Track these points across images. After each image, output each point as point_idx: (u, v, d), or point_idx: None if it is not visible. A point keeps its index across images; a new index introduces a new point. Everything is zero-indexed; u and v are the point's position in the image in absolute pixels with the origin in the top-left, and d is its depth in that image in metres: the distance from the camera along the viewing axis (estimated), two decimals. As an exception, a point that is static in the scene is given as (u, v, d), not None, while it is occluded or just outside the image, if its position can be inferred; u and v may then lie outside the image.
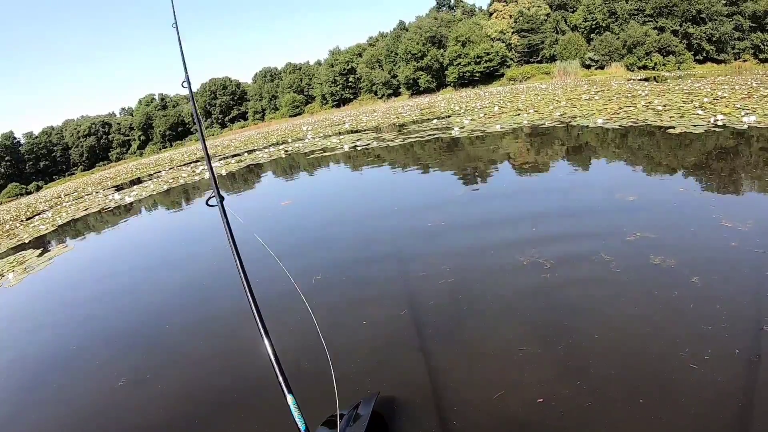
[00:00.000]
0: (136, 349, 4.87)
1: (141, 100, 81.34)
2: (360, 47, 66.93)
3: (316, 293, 5.08)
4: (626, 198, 6.38)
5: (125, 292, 6.77)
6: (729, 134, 9.49)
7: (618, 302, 3.88)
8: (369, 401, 2.92)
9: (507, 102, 25.49)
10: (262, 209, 10.40)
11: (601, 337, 3.44)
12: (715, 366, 2.90)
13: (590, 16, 49.56)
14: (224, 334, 4.75)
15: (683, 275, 4.08)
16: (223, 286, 6.04)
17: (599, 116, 13.95)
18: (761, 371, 2.83)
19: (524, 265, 4.82)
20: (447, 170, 10.47)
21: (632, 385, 2.89)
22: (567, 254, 4.91)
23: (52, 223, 15.56)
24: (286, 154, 21.00)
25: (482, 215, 6.85)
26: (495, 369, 3.29)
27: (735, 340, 3.14)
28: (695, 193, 6.37)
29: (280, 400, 2.09)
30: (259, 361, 3.80)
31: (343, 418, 2.74)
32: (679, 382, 2.83)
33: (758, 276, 3.95)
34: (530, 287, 4.37)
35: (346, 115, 45.83)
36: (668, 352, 3.13)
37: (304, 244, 7.14)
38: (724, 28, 41.60)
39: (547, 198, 7.20)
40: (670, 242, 4.81)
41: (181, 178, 20.15)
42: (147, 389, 3.97)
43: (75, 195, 27.43)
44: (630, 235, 5.09)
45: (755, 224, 4.92)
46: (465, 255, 5.41)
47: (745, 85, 19.41)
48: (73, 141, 75.88)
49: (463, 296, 4.44)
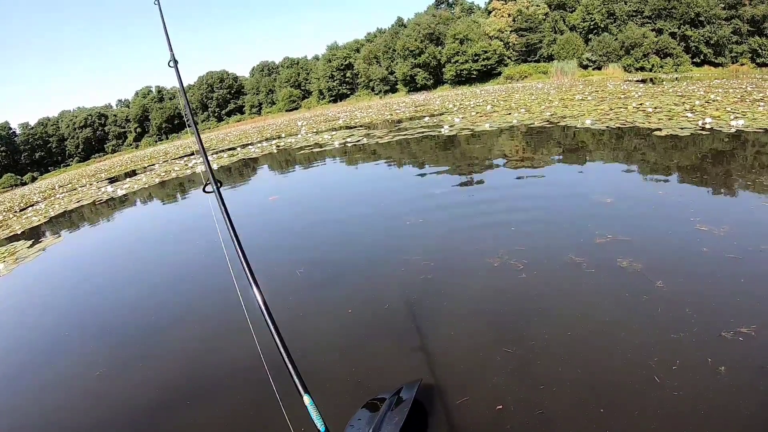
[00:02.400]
0: (118, 339, 4.90)
1: (138, 92, 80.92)
2: (358, 43, 66.65)
3: (295, 286, 5.19)
4: (603, 200, 6.33)
5: (113, 283, 6.84)
6: (715, 138, 9.42)
7: (584, 306, 3.84)
8: (411, 387, 2.90)
9: (500, 101, 25.41)
10: (249, 204, 10.56)
11: (564, 342, 3.40)
12: (678, 375, 2.86)
13: (589, 16, 49.39)
14: (211, 325, 4.76)
15: (648, 280, 4.05)
16: (209, 278, 6.09)
17: (588, 117, 13.88)
18: (722, 381, 2.78)
19: (495, 267, 4.80)
20: (429, 168, 10.46)
21: (594, 393, 2.85)
22: (538, 256, 4.87)
23: (45, 215, 15.55)
24: (278, 149, 20.95)
25: (459, 214, 6.81)
26: (459, 373, 3.26)
27: (691, 347, 3.10)
28: (674, 196, 6.30)
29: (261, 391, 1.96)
30: (246, 354, 3.73)
31: (385, 402, 2.76)
32: (644, 394, 2.78)
33: (725, 282, 3.90)
34: (498, 290, 4.34)
35: (342, 111, 45.73)
36: (632, 359, 3.09)
37: (288, 238, 7.24)
38: (722, 32, 41.49)
39: (524, 199, 7.14)
40: (641, 245, 4.78)
41: (174, 172, 20.04)
42: (126, 379, 4.01)
43: (69, 187, 27.32)
44: (601, 237, 5.05)
45: (730, 229, 4.87)
46: (437, 256, 5.36)
47: (740, 89, 19.35)
48: (69, 132, 75.37)
49: (430, 299, 4.40)
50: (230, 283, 2.42)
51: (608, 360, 3.14)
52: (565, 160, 9.42)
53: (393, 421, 2.60)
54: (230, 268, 2.34)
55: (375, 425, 2.58)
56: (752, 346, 3.04)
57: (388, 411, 2.69)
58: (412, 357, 3.53)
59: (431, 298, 4.39)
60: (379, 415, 2.67)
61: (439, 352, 3.54)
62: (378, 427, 2.57)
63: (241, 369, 3.73)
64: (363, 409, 2.80)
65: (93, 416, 3.62)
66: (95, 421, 3.55)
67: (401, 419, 2.58)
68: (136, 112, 76.30)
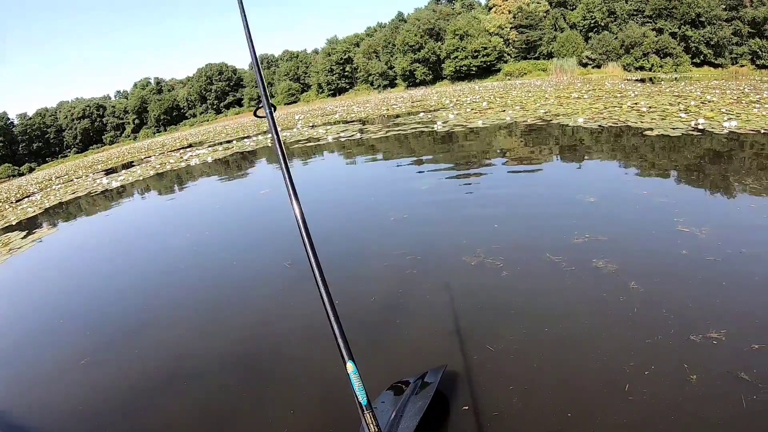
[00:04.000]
0: (104, 328, 4.92)
1: (136, 83, 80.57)
2: (358, 37, 66.40)
3: (283, 277, 5.28)
4: (587, 199, 6.26)
5: (106, 272, 6.87)
6: (706, 139, 9.34)
7: (554, 306, 3.78)
8: (436, 372, 2.89)
9: (497, 98, 25.28)
10: (241, 197, 10.70)
11: (535, 343, 3.33)
12: (649, 380, 2.79)
13: (589, 14, 49.29)
14: (201, 318, 4.75)
15: (622, 281, 3.97)
16: (202, 267, 6.21)
17: (582, 115, 13.78)
18: (690, 386, 2.71)
19: (472, 266, 4.73)
20: (418, 164, 10.42)
21: (565, 396, 2.78)
22: (515, 255, 4.80)
23: (40, 206, 15.52)
24: (273, 142, 20.73)
25: (442, 211, 6.76)
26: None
27: (660, 350, 3.03)
28: (659, 196, 6.19)
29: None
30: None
31: (409, 386, 2.77)
32: (612, 398, 2.72)
33: (701, 285, 3.85)
34: (471, 289, 4.28)
35: (340, 105, 45.57)
36: (597, 362, 3.03)
37: (279, 231, 7.21)
38: (722, 33, 41.39)
39: (508, 197, 7.08)
40: (619, 246, 4.72)
41: (168, 164, 19.93)
42: (105, 370, 4.02)
43: (65, 178, 27.28)
44: (580, 237, 4.98)
45: (713, 231, 4.80)
46: (416, 252, 5.29)
47: (737, 90, 19.27)
48: (67, 123, 75.11)
49: (401, 298, 4.34)
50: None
51: (570, 363, 3.07)
52: (552, 159, 9.36)
53: (416, 405, 2.60)
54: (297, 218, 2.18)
55: (398, 408, 2.59)
56: (721, 352, 2.96)
57: (411, 395, 2.70)
58: (375, 354, 3.47)
59: (407, 295, 4.35)
60: (402, 398, 2.68)
61: (411, 348, 3.51)
62: (401, 410, 2.58)
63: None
64: (387, 392, 2.81)
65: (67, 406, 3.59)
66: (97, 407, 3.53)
67: (425, 404, 2.58)
68: (134, 104, 76.01)
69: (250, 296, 5.05)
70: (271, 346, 3.98)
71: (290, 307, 4.57)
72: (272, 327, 4.28)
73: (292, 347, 3.88)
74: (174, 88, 78.14)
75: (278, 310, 4.57)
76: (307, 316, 4.23)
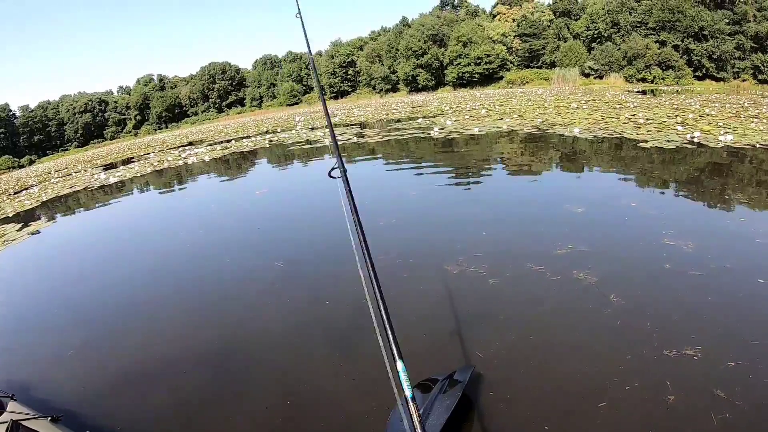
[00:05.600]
0: (91, 323, 4.97)
1: (139, 79, 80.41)
2: (361, 40, 66.43)
3: (274, 277, 5.31)
4: (575, 209, 6.24)
5: (96, 266, 6.95)
6: (701, 152, 9.31)
7: (530, 317, 3.78)
8: (465, 371, 2.94)
9: (497, 105, 25.29)
10: (237, 197, 10.72)
11: (506, 353, 3.32)
12: (627, 395, 2.78)
13: (593, 25, 49.29)
14: (189, 314, 4.81)
15: (602, 293, 3.96)
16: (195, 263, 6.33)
17: (578, 126, 13.77)
18: (661, 402, 2.70)
19: (453, 274, 4.71)
20: (409, 170, 10.43)
21: (539, 409, 2.78)
22: (498, 263, 4.79)
23: (37, 199, 15.55)
24: (271, 143, 20.87)
25: (431, 217, 6.79)
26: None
27: (642, 366, 3.00)
28: (648, 208, 6.18)
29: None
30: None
31: (437, 384, 2.81)
32: (587, 412, 2.72)
33: (682, 300, 3.83)
34: (448, 296, 4.25)
35: (341, 108, 45.57)
36: (566, 375, 3.03)
37: (273, 230, 7.36)
38: (725, 47, 41.39)
39: (497, 205, 7.12)
40: (603, 258, 4.71)
41: (166, 162, 19.93)
42: (90, 362, 4.09)
43: (65, 172, 27.25)
44: (564, 248, 4.96)
45: (699, 245, 4.79)
46: (405, 256, 5.29)
47: (737, 104, 19.26)
48: (69, 117, 74.97)
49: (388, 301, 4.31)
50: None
51: (547, 376, 3.06)
52: (544, 168, 9.35)
53: (444, 404, 2.62)
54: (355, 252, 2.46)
55: (426, 406, 2.61)
56: (698, 368, 2.95)
57: (439, 393, 2.72)
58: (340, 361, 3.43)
59: (393, 302, 4.34)
60: (430, 396, 2.71)
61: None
62: (429, 408, 2.60)
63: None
64: (414, 389, 2.82)
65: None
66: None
67: (452, 403, 2.60)
68: (136, 100, 75.90)
69: (241, 294, 5.07)
70: (257, 342, 4.01)
71: (281, 306, 4.59)
72: (260, 324, 4.32)
73: (283, 343, 3.92)
74: (177, 86, 78.03)
75: (268, 308, 4.61)
76: (299, 312, 4.36)
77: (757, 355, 3.01)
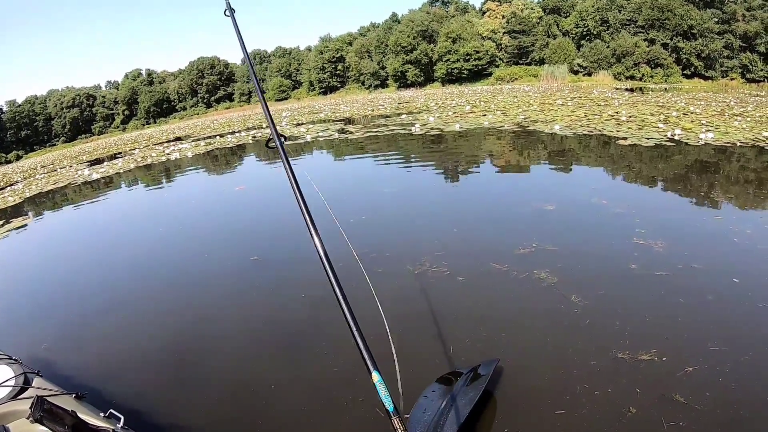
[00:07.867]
0: (63, 316, 4.90)
1: (127, 74, 79.40)
2: (351, 36, 66.00)
3: (245, 270, 5.30)
4: (544, 207, 6.10)
5: (71, 262, 6.90)
6: (678, 150, 9.15)
7: (485, 317, 3.68)
8: (489, 365, 2.88)
9: (482, 102, 25.17)
10: (217, 192, 10.71)
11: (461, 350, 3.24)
12: (584, 400, 2.68)
13: (582, 22, 49.28)
14: (171, 307, 4.73)
15: (562, 294, 3.82)
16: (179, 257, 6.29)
17: (559, 123, 13.63)
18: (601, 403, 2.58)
19: (415, 273, 4.56)
20: (385, 166, 10.32)
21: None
22: (460, 262, 4.67)
23: (21, 195, 15.33)
24: (254, 139, 20.72)
25: (402, 214, 6.66)
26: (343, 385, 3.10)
27: (598, 370, 2.89)
28: (619, 206, 6.03)
29: None
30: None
31: (461, 377, 2.80)
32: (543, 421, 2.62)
33: (644, 300, 3.69)
34: (409, 295, 4.14)
35: (328, 104, 45.34)
36: (518, 378, 2.92)
37: (250, 226, 7.30)
38: (714, 46, 41.49)
39: (466, 201, 7.02)
40: (568, 256, 4.61)
41: (150, 158, 19.65)
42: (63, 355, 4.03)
43: (50, 167, 26.83)
44: (529, 246, 4.84)
45: (669, 244, 4.66)
46: (371, 252, 5.15)
47: (723, 102, 19.25)
48: (56, 112, 74.01)
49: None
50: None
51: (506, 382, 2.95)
52: (518, 165, 9.25)
53: (467, 396, 2.57)
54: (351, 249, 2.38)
55: (448, 399, 2.59)
56: (656, 372, 2.82)
57: (463, 386, 2.69)
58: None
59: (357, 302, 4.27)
60: (453, 389, 2.68)
61: (331, 360, 3.40)
62: (452, 400, 2.57)
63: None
64: (437, 383, 2.82)
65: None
66: None
67: (475, 395, 2.55)
68: (124, 94, 75.03)
69: (214, 287, 5.03)
70: (219, 336, 3.95)
71: (251, 301, 4.54)
72: (230, 318, 4.25)
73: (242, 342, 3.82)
74: (165, 81, 77.22)
75: (238, 302, 4.54)
76: (271, 306, 4.37)
77: (718, 360, 2.88)
